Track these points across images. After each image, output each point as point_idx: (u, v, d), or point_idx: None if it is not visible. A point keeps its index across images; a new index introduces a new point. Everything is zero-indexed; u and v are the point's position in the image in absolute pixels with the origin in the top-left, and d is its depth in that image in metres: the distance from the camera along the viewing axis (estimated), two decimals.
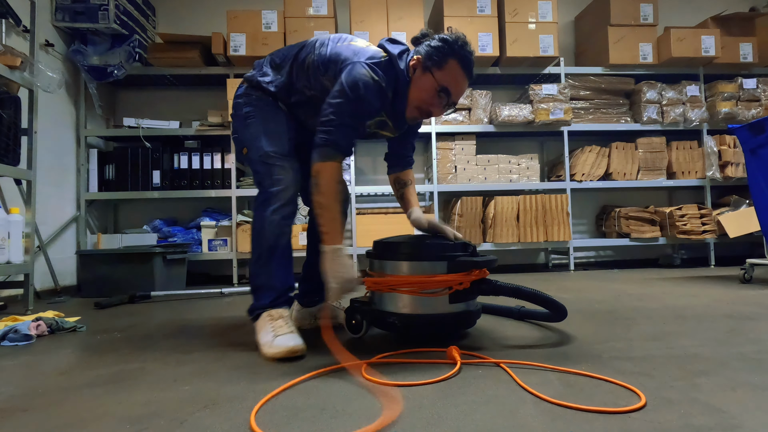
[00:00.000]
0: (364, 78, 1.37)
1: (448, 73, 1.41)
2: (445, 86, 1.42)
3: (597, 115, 3.82)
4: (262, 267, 1.47)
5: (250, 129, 1.54)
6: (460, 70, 1.42)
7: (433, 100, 1.44)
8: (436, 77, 1.41)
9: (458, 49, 1.41)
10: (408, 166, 1.77)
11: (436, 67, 1.41)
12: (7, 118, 2.28)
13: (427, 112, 1.47)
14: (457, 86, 1.44)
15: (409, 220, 1.65)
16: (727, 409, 0.89)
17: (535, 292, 1.46)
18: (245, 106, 1.56)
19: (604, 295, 2.34)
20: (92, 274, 2.87)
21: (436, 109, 1.47)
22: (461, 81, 1.44)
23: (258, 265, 1.47)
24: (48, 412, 0.98)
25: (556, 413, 0.89)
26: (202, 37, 3.42)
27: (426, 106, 1.46)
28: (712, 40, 3.71)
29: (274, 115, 1.55)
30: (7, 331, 1.64)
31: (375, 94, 1.39)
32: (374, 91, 1.38)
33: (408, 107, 1.48)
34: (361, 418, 0.90)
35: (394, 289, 1.43)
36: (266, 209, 1.45)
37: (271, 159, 1.48)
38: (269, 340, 1.35)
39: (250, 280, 1.51)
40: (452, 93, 1.43)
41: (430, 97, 1.44)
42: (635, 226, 3.73)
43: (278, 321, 1.40)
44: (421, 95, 1.44)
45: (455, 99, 1.46)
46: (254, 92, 1.57)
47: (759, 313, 1.79)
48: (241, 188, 3.49)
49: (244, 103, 1.57)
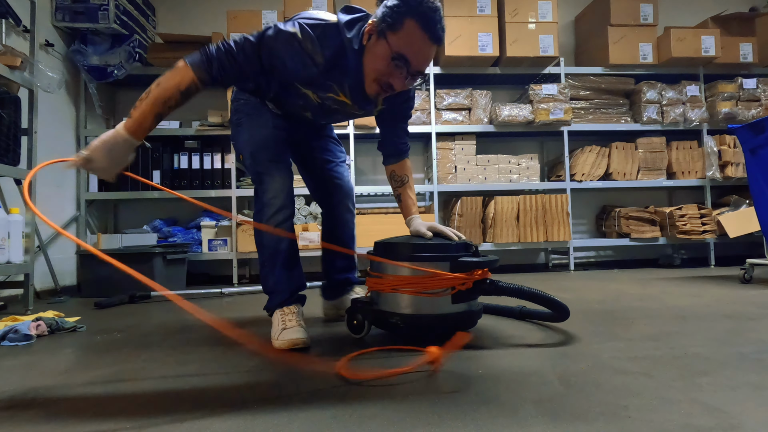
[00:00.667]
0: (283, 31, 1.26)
1: (404, 37, 1.22)
2: (401, 52, 1.23)
3: (597, 115, 3.82)
4: (269, 273, 1.53)
5: (241, 136, 1.55)
6: (420, 31, 1.22)
7: (389, 69, 1.27)
8: (390, 42, 1.23)
9: (416, 5, 1.20)
10: (403, 155, 1.65)
11: (390, 30, 1.23)
12: (7, 118, 2.28)
13: (387, 84, 1.31)
14: (416, 51, 1.24)
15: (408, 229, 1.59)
16: (727, 409, 0.89)
17: (537, 292, 1.46)
18: (235, 112, 1.57)
19: (604, 295, 2.34)
20: (92, 274, 2.87)
21: (397, 81, 1.29)
22: (421, 44, 1.24)
23: (265, 271, 1.55)
24: (48, 412, 0.98)
25: (557, 413, 0.89)
26: (202, 37, 3.42)
27: (384, 77, 1.29)
28: (712, 40, 3.71)
29: (259, 118, 1.52)
30: (7, 331, 1.64)
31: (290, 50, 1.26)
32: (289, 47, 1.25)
33: (366, 81, 1.33)
34: (363, 417, 0.90)
35: (397, 289, 1.43)
36: (261, 219, 1.49)
37: (260, 166, 1.49)
38: (277, 333, 1.45)
39: (262, 284, 1.59)
40: (410, 60, 1.24)
41: (384, 66, 1.27)
42: (635, 226, 3.73)
43: (288, 316, 1.48)
44: (376, 65, 1.28)
45: (417, 67, 1.27)
46: (242, 96, 1.56)
47: (759, 313, 1.78)
48: (241, 188, 3.49)
49: (234, 109, 1.58)
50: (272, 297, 1.55)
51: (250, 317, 2.02)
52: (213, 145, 3.57)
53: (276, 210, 1.47)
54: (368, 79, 1.33)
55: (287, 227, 1.51)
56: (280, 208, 1.48)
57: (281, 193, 1.48)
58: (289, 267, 1.53)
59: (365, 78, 1.33)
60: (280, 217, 1.48)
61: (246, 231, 3.36)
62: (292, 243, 1.53)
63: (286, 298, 1.53)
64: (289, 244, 1.52)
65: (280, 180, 1.48)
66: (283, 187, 1.49)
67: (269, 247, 1.51)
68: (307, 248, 3.34)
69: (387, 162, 1.67)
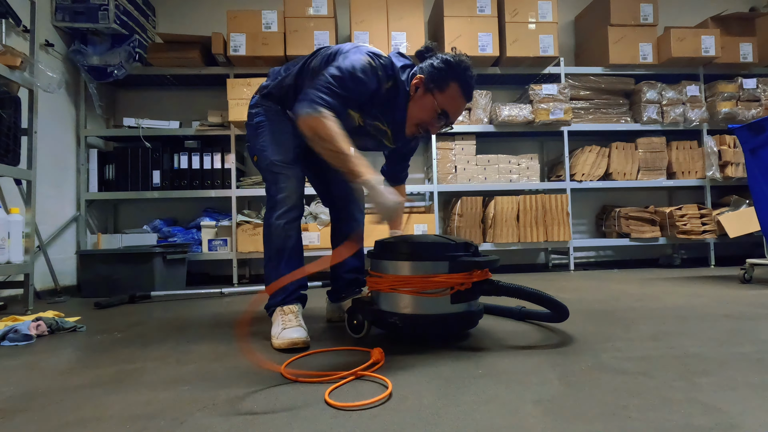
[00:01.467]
0: (361, 60, 1.43)
1: (449, 97, 1.47)
2: (445, 109, 1.48)
3: (597, 115, 3.82)
4: (273, 269, 1.58)
5: (260, 138, 1.63)
6: (460, 93, 1.48)
7: (432, 120, 1.51)
8: (437, 99, 1.47)
9: (461, 72, 1.46)
10: (400, 183, 1.91)
11: (438, 90, 1.46)
12: (7, 118, 2.28)
13: (426, 129, 1.55)
14: (456, 109, 1.50)
15: None
16: (727, 409, 0.89)
17: (537, 292, 1.46)
18: (256, 116, 1.66)
19: (604, 295, 2.34)
20: (92, 274, 2.87)
21: (434, 128, 1.55)
22: (460, 104, 1.50)
23: (269, 267, 1.59)
24: (48, 412, 0.98)
25: (557, 413, 0.89)
26: (202, 37, 3.42)
27: (425, 124, 1.53)
28: (712, 40, 3.71)
29: (281, 124, 1.62)
30: (7, 331, 1.64)
31: (371, 77, 1.44)
32: (370, 74, 1.43)
33: (408, 123, 1.55)
34: (363, 417, 0.90)
35: (396, 289, 1.43)
36: (272, 215, 1.56)
37: (277, 167, 1.57)
38: (277, 332, 1.46)
39: (264, 280, 1.62)
40: (451, 115, 1.50)
41: (429, 117, 1.50)
42: (635, 226, 3.73)
43: (288, 316, 1.50)
44: (421, 115, 1.51)
45: (453, 120, 1.53)
46: (265, 102, 1.66)
47: (759, 313, 1.79)
48: (241, 188, 3.49)
49: (255, 113, 1.67)
50: (273, 294, 1.58)
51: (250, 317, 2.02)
52: (213, 145, 3.57)
53: (288, 208, 1.55)
54: (410, 122, 1.54)
55: (296, 226, 1.58)
56: (291, 207, 1.56)
57: (294, 194, 1.57)
58: (293, 265, 1.57)
59: (408, 120, 1.54)
60: (290, 216, 1.56)
61: (246, 231, 3.36)
62: (298, 242, 1.60)
63: (288, 296, 1.56)
64: (296, 243, 1.59)
65: (294, 181, 1.57)
66: (296, 188, 1.58)
67: (276, 243, 1.56)
68: (307, 248, 3.34)
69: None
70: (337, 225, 1.88)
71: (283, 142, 1.60)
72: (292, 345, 1.40)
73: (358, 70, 1.41)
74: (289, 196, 1.55)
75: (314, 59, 1.59)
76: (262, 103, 1.67)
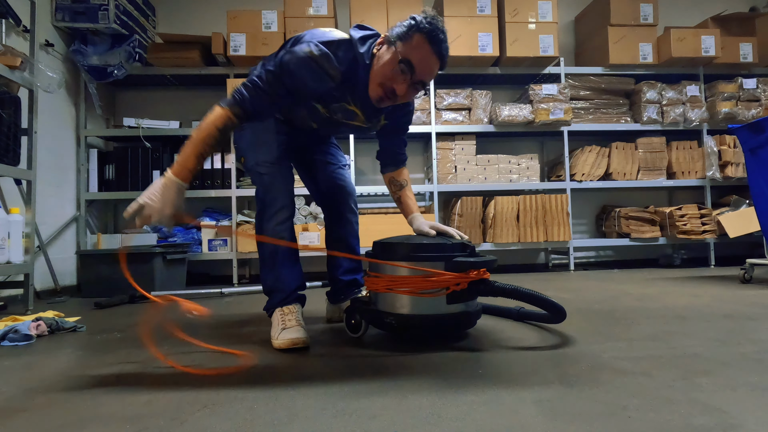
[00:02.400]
0: (299, 54, 1.32)
1: (412, 47, 1.31)
2: (407, 58, 1.32)
3: (597, 115, 3.82)
4: (269, 272, 1.56)
5: (245, 138, 1.60)
6: (427, 45, 1.31)
7: (394, 74, 1.34)
8: (398, 49, 1.32)
9: (426, 24, 1.31)
10: (401, 164, 1.74)
11: (400, 40, 1.32)
12: (7, 118, 2.28)
13: (391, 89, 1.37)
14: (421, 59, 1.32)
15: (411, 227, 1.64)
16: (727, 409, 0.89)
17: (533, 293, 1.44)
18: None
19: (604, 295, 2.34)
20: (92, 274, 2.87)
21: (400, 86, 1.35)
22: (427, 57, 1.33)
23: (265, 271, 1.57)
24: (48, 412, 0.98)
25: (557, 413, 0.89)
26: (202, 37, 3.42)
27: (388, 81, 1.35)
28: (712, 40, 3.70)
29: (263, 123, 1.55)
30: (7, 331, 1.64)
31: (309, 72, 1.33)
32: (308, 69, 1.32)
33: (370, 84, 1.39)
34: (362, 417, 0.90)
35: (392, 289, 1.43)
36: (263, 218, 1.53)
37: (262, 167, 1.53)
38: (277, 333, 1.46)
39: (262, 284, 1.60)
40: (415, 66, 1.33)
41: (390, 70, 1.34)
42: (635, 226, 3.73)
43: (288, 316, 1.49)
44: (383, 69, 1.35)
45: (421, 76, 1.35)
46: None
47: (759, 313, 1.79)
48: (241, 188, 3.49)
49: None
50: (272, 296, 1.57)
51: (250, 317, 2.02)
52: None
53: (277, 209, 1.51)
54: (373, 83, 1.38)
55: (288, 227, 1.54)
56: (281, 207, 1.52)
57: (282, 194, 1.52)
58: (288, 266, 1.55)
59: (370, 83, 1.39)
60: (281, 217, 1.52)
61: (246, 231, 3.36)
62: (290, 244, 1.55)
63: (286, 297, 1.54)
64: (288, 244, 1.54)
65: (281, 180, 1.53)
66: (285, 188, 1.53)
67: (269, 246, 1.53)
68: (307, 248, 3.34)
69: (385, 170, 1.75)
70: (330, 227, 1.84)
71: (266, 140, 1.55)
72: (292, 345, 1.40)
73: (293, 66, 1.32)
74: (277, 197, 1.51)
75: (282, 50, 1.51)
76: None
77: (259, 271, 1.60)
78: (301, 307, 1.59)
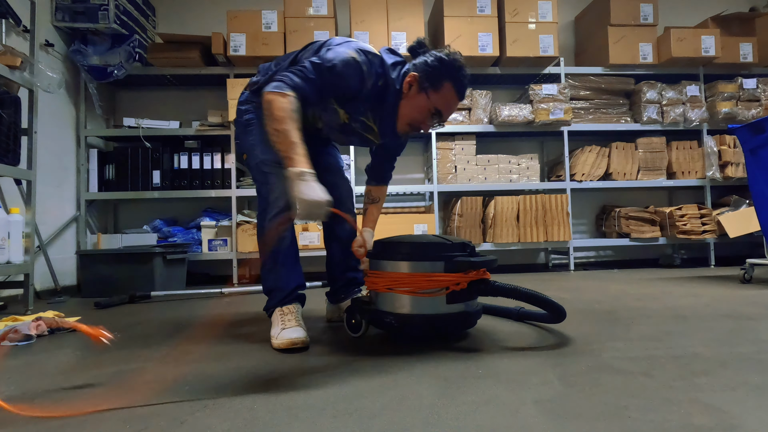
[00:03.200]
0: (344, 54, 1.40)
1: (443, 96, 1.46)
2: (439, 109, 1.47)
3: (597, 115, 3.82)
4: (270, 272, 1.57)
5: (250, 136, 1.60)
6: (454, 93, 1.46)
7: (425, 119, 1.50)
8: (431, 99, 1.46)
9: (455, 72, 1.45)
10: (384, 183, 1.85)
11: (432, 89, 1.45)
12: (7, 118, 2.28)
13: (417, 128, 1.53)
14: (449, 108, 1.50)
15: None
16: (727, 409, 0.89)
17: (533, 293, 1.44)
18: (246, 113, 1.62)
19: (604, 295, 2.33)
20: (92, 274, 2.87)
21: (426, 126, 1.52)
22: (454, 103, 1.50)
23: (266, 270, 1.58)
24: (47, 412, 0.98)
25: (557, 413, 0.89)
26: (202, 37, 3.42)
27: (417, 123, 1.52)
28: (712, 40, 3.70)
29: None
30: (7, 331, 1.64)
31: (354, 73, 1.41)
32: (353, 70, 1.41)
33: (399, 121, 1.53)
34: (362, 417, 0.90)
35: (392, 288, 1.43)
36: (265, 217, 1.54)
37: (266, 167, 1.53)
38: (276, 332, 1.46)
39: (262, 284, 1.61)
40: (444, 114, 1.49)
41: (422, 116, 1.49)
42: (635, 226, 3.73)
43: (287, 316, 1.50)
44: (414, 114, 1.49)
45: (446, 119, 1.52)
46: (255, 99, 1.60)
47: (759, 313, 1.78)
48: (241, 188, 3.49)
49: (245, 110, 1.63)
50: (272, 296, 1.58)
51: (250, 317, 2.02)
52: (213, 145, 3.57)
53: (280, 209, 1.50)
54: (402, 121, 1.52)
55: (290, 227, 1.56)
56: (284, 207, 1.49)
57: (286, 193, 1.50)
58: (289, 266, 1.56)
59: (399, 119, 1.52)
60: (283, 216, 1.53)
61: (246, 231, 3.36)
62: (293, 243, 1.58)
63: (286, 296, 1.55)
64: (290, 244, 1.57)
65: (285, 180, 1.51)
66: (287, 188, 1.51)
67: (270, 245, 1.54)
68: (306, 248, 3.35)
69: (369, 183, 1.86)
70: (329, 226, 1.83)
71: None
72: (291, 345, 1.40)
73: (339, 63, 1.39)
74: (279, 197, 1.49)
75: (305, 52, 1.57)
76: (252, 99, 1.62)
77: (260, 271, 1.60)
78: (301, 307, 1.59)
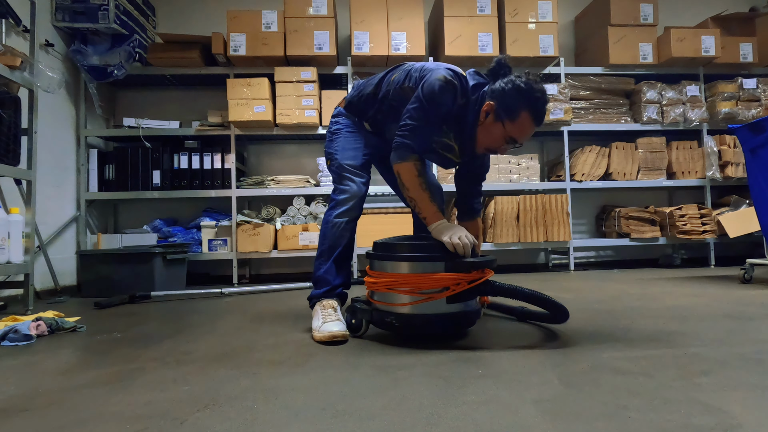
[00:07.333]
0: (438, 82, 1.47)
1: (519, 125, 1.49)
2: (513, 137, 1.51)
3: (597, 115, 3.81)
4: (323, 262, 1.70)
5: (334, 144, 1.78)
6: (531, 121, 1.49)
7: (501, 145, 1.56)
8: (507, 128, 1.50)
9: (533, 102, 1.47)
10: (476, 215, 1.91)
11: (509, 119, 1.48)
12: (7, 118, 2.28)
13: (494, 152, 1.61)
14: (525, 135, 1.53)
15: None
16: (727, 409, 0.89)
17: (533, 292, 1.44)
18: (335, 124, 1.82)
19: (604, 295, 2.34)
20: (92, 274, 2.87)
21: (502, 150, 1.59)
22: (531, 130, 1.53)
23: (320, 260, 1.71)
24: (48, 412, 0.98)
25: (557, 413, 0.89)
26: (202, 37, 3.42)
27: (494, 148, 1.58)
28: (712, 40, 3.70)
29: (355, 133, 1.78)
30: (7, 331, 1.64)
31: (450, 94, 1.49)
32: (449, 92, 1.49)
33: (477, 145, 1.59)
34: (362, 417, 0.90)
35: (392, 288, 1.43)
36: (332, 213, 1.70)
37: (344, 170, 1.72)
38: (318, 325, 1.55)
39: (313, 271, 1.73)
40: (519, 141, 1.53)
41: (498, 144, 1.55)
42: (635, 226, 3.73)
43: (328, 310, 1.59)
44: (490, 141, 1.55)
45: (522, 144, 1.56)
46: (345, 113, 1.81)
47: (759, 313, 1.79)
48: (241, 188, 3.49)
49: (335, 122, 1.83)
50: (318, 285, 1.69)
51: (250, 317, 2.02)
52: (213, 145, 3.57)
53: (347, 209, 1.68)
54: (480, 145, 1.59)
55: (351, 228, 1.70)
56: (350, 208, 1.69)
57: (354, 197, 1.69)
58: (340, 264, 1.70)
59: (477, 143, 1.59)
60: (348, 216, 1.69)
61: (246, 231, 3.36)
62: (349, 244, 1.71)
63: (330, 290, 1.66)
64: (347, 244, 1.70)
65: (357, 186, 1.70)
66: (358, 193, 1.70)
67: (330, 239, 1.68)
68: (307, 248, 3.35)
69: (461, 219, 1.92)
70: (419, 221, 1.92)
71: (354, 148, 1.75)
72: (332, 338, 1.47)
73: (437, 94, 1.47)
74: (349, 198, 1.67)
75: (395, 73, 1.67)
76: (342, 113, 1.81)
77: (315, 260, 1.72)
78: (341, 306, 1.68)
